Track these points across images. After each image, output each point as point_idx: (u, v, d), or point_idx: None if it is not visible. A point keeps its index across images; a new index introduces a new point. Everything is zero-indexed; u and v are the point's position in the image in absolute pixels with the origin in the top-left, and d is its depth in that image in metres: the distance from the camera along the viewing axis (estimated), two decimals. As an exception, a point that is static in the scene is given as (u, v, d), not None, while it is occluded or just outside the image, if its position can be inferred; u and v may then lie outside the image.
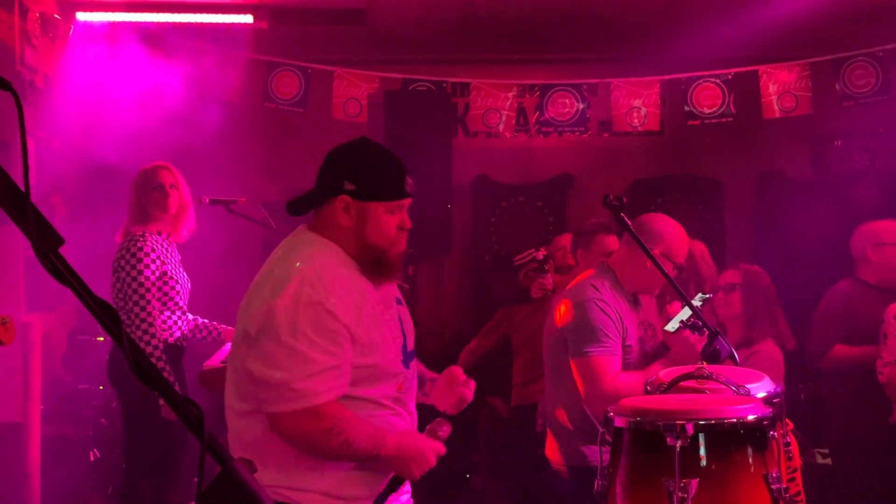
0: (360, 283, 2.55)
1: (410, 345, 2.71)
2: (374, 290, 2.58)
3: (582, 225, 5.16)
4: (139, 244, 4.66)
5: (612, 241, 4.93)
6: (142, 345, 4.49)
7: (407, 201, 2.59)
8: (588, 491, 3.52)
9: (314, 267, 2.48)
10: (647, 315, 3.85)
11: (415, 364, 2.75)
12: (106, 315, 1.43)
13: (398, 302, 2.72)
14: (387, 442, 2.51)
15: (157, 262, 4.68)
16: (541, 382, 4.81)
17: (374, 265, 2.56)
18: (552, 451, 3.80)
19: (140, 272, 4.61)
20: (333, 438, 2.43)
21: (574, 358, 3.57)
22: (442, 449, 2.65)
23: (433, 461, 2.62)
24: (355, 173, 2.53)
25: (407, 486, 2.77)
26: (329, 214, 2.57)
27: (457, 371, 2.84)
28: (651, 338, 3.85)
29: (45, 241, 1.40)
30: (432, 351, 7.33)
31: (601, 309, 3.57)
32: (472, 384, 2.81)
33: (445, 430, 2.70)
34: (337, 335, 2.43)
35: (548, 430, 3.84)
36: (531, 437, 4.91)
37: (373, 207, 2.53)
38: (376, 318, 2.55)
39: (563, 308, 3.69)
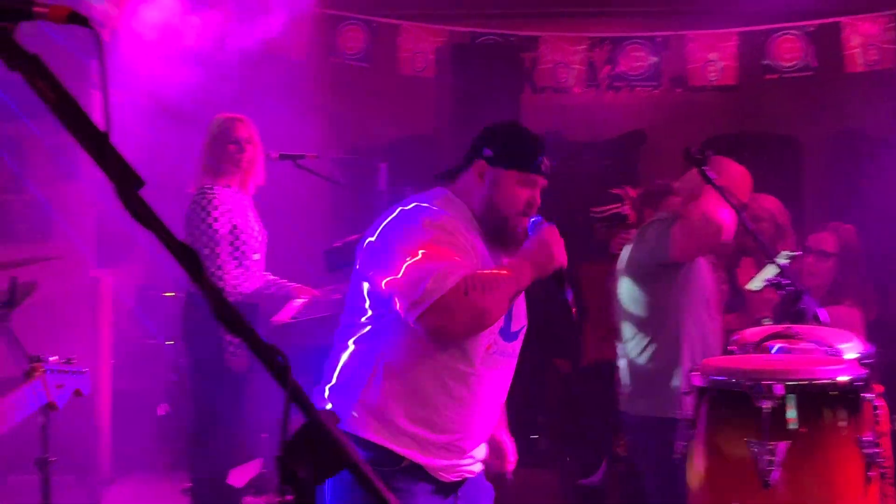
0: (476, 241, 2.64)
1: (515, 325, 2.75)
2: (487, 252, 2.67)
3: (650, 185, 5.01)
4: (209, 196, 4.65)
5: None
6: None
7: (540, 180, 2.70)
8: (664, 448, 3.45)
9: (439, 208, 2.64)
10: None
11: (516, 345, 2.77)
12: (188, 259, 1.37)
13: None
14: (519, 268, 2.58)
15: (227, 214, 4.66)
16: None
17: (496, 232, 2.68)
18: (627, 404, 3.71)
19: (209, 225, 4.61)
20: (470, 294, 2.44)
21: (667, 243, 3.51)
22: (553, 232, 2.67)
23: (558, 240, 2.65)
24: (495, 141, 2.70)
25: (478, 456, 2.77)
26: (467, 179, 2.71)
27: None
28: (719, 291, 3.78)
29: (127, 183, 1.35)
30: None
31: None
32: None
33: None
34: (454, 246, 2.54)
35: (622, 384, 3.75)
36: (605, 395, 4.81)
37: (505, 175, 2.66)
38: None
39: (636, 242, 3.61)
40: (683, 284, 3.56)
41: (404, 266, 2.48)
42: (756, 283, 3.58)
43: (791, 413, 2.70)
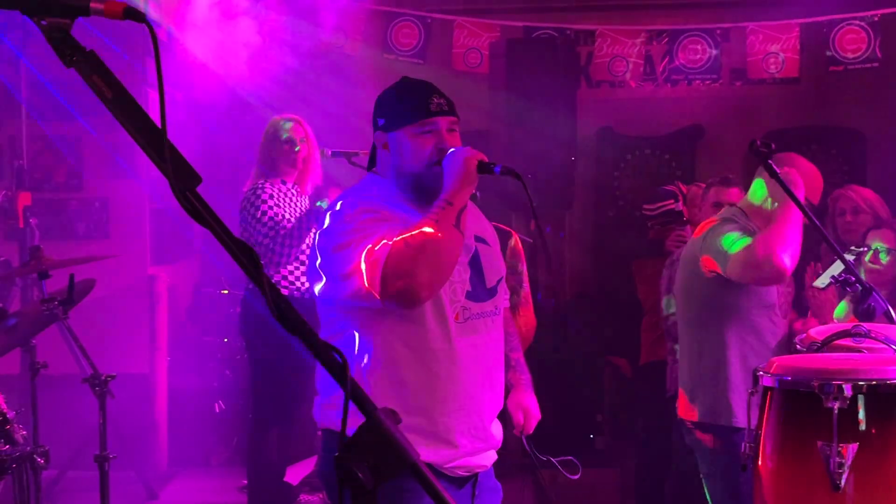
0: (407, 211, 2.54)
1: (490, 280, 2.66)
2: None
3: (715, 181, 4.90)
4: (258, 191, 4.68)
5: (732, 194, 4.50)
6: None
7: (440, 121, 2.54)
8: (727, 452, 3.36)
9: (359, 195, 2.59)
10: None
11: (498, 300, 2.69)
12: (245, 257, 1.36)
13: (477, 240, 2.67)
14: (445, 193, 2.45)
15: (276, 208, 4.67)
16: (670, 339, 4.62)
17: (417, 193, 2.57)
18: (687, 409, 3.62)
19: (258, 219, 4.63)
20: (410, 242, 2.36)
21: (726, 262, 3.36)
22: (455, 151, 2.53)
23: (462, 150, 2.52)
24: (381, 108, 2.61)
25: (497, 435, 2.68)
26: (378, 157, 2.64)
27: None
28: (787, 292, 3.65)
29: (183, 180, 1.33)
30: (552, 308, 7.17)
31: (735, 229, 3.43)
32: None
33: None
34: (382, 220, 2.46)
35: (681, 388, 3.66)
36: (660, 397, 4.73)
37: (401, 135, 2.55)
38: None
39: (698, 242, 3.51)
40: (740, 287, 3.44)
41: (344, 262, 2.42)
42: (822, 280, 3.46)
43: (861, 414, 2.61)
